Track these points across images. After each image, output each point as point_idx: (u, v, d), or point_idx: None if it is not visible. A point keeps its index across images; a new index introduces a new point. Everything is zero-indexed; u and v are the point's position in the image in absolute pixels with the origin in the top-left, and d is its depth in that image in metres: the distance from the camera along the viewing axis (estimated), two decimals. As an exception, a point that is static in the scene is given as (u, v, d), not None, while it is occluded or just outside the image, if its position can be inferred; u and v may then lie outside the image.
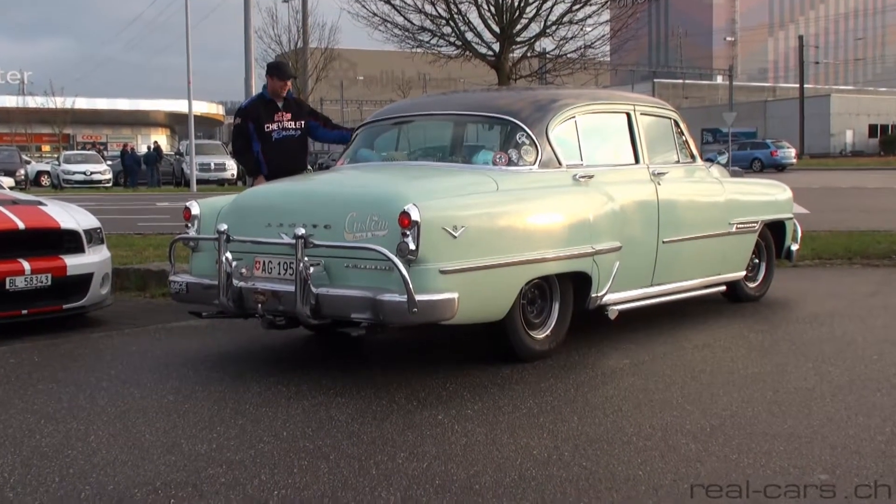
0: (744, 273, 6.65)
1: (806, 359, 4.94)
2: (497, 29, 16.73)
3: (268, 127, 6.71)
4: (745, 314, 6.35)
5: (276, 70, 6.77)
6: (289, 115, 6.72)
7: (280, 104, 6.71)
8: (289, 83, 6.73)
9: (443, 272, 4.28)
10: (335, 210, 4.56)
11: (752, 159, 40.24)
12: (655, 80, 73.15)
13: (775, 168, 39.06)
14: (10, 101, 53.30)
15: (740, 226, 6.46)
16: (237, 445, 3.54)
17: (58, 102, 48.31)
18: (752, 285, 6.89)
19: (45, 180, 34.10)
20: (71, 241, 6.15)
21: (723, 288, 6.48)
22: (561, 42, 17.40)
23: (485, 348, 5.04)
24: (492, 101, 5.67)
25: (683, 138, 6.31)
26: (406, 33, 17.44)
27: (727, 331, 5.82)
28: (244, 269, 4.69)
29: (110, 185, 32.10)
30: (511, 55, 17.25)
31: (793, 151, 40.42)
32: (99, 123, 61.12)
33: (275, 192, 5.26)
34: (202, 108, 59.31)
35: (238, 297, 4.66)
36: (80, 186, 30.72)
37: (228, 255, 4.68)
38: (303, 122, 6.71)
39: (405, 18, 17.28)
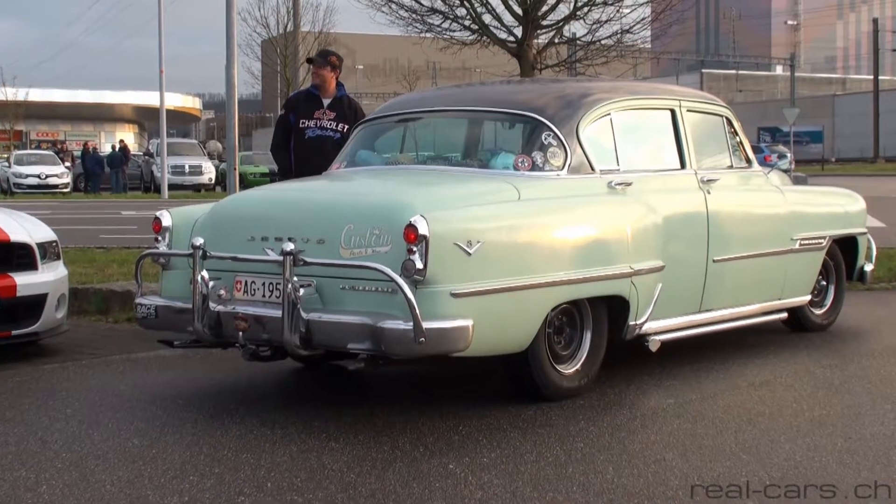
0: (809, 297, 6.63)
1: (883, 399, 4.92)
2: (519, 11, 16.72)
3: (303, 122, 6.86)
4: (810, 346, 6.34)
5: (314, 57, 6.98)
6: (332, 115, 6.84)
7: (326, 101, 6.86)
8: (326, 72, 6.84)
9: (455, 295, 4.29)
10: (329, 222, 4.58)
11: None
12: (704, 70, 73.30)
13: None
14: (-48, 93, 53.77)
15: (805, 242, 6.44)
16: (213, 498, 3.53)
17: (8, 94, 48.68)
18: (818, 312, 6.87)
19: (-8, 184, 34.37)
20: (22, 257, 6.16)
21: (784, 315, 6.46)
22: (594, 26, 17.41)
23: (504, 385, 5.03)
24: (513, 96, 5.70)
25: (737, 139, 6.32)
26: (413, 15, 17.45)
27: (789, 366, 5.80)
28: (223, 291, 4.70)
29: (68, 190, 32.30)
30: (535, 41, 17.28)
31: (788, 157, 39.69)
32: (56, 118, 61.63)
33: (259, 200, 5.29)
34: (176, 101, 59.78)
35: (216, 324, 4.68)
36: (33, 192, 30.94)
37: (205, 273, 4.70)
38: (346, 126, 6.79)
39: (412, -2, 17.32)
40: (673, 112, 5.83)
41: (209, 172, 33.72)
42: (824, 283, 6.91)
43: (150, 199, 27.50)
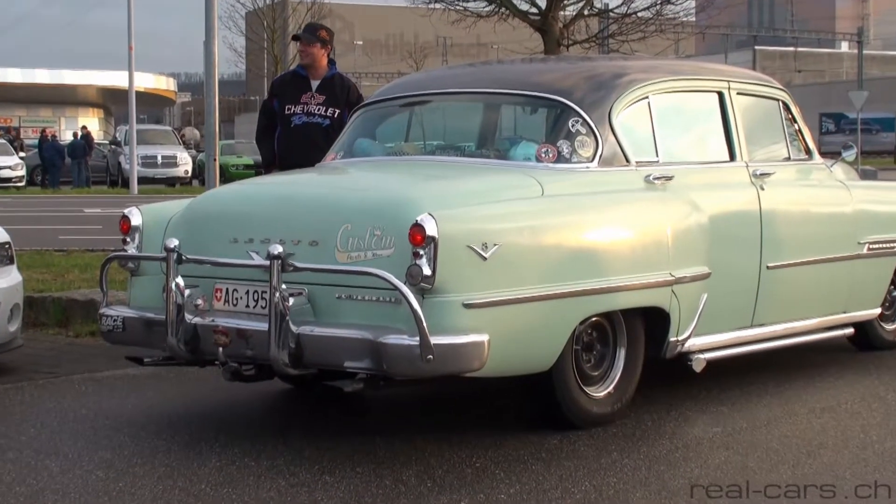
0: (878, 311, 6.60)
1: (965, 429, 4.95)
2: (543, -22, 16.74)
3: (288, 108, 6.87)
4: (880, 367, 6.33)
5: (301, 33, 6.99)
6: (321, 98, 6.84)
7: (315, 83, 6.85)
8: (315, 49, 6.82)
9: (468, 306, 4.30)
10: (324, 221, 4.61)
11: None
12: (757, 47, 73.19)
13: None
14: None
15: (874, 246, 6.42)
16: (188, 539, 3.55)
17: (-45, 74, 48.77)
18: (890, 327, 6.84)
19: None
20: (-31, 261, 6.20)
21: (850, 331, 6.44)
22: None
23: (524, 410, 5.03)
24: (536, 76, 5.71)
25: (795, 127, 6.31)
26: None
27: (855, 390, 5.80)
28: (200, 300, 4.72)
29: (23, 184, 32.43)
30: (562, 13, 17.27)
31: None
32: (10, 101, 61.83)
33: (243, 196, 5.31)
34: (147, 81, 59.90)
35: (192, 338, 4.69)
36: (-18, 186, 31.06)
37: (180, 280, 4.71)
38: (337, 112, 6.79)
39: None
40: (721, 95, 5.83)
41: (185, 164, 33.78)
42: (896, 293, 6.89)
43: (117, 194, 27.57)
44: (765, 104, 6.16)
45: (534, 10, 17.15)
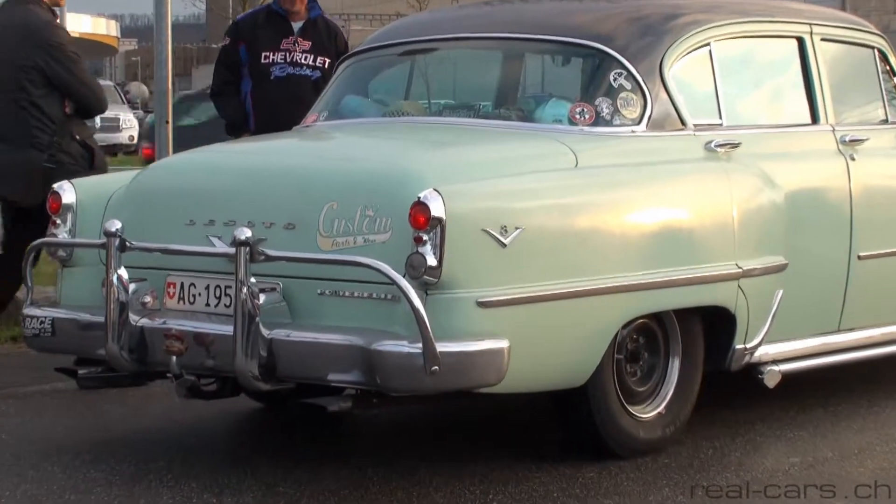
0: None
1: None
2: None
3: (266, 56, 6.84)
4: None
5: None
6: (307, 45, 6.84)
7: (297, 24, 6.84)
8: None
9: (483, 305, 4.31)
10: (303, 199, 4.63)
11: None
12: (848, -18, 72.75)
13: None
14: None
15: None
16: None
17: None
18: None
19: None
20: None
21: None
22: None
23: (553, 434, 5.04)
24: (569, 18, 5.69)
25: (894, 81, 6.30)
26: None
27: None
28: (149, 298, 4.72)
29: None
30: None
31: None
32: None
33: (202, 167, 5.30)
34: (84, 25, 59.88)
35: (138, 344, 4.68)
36: None
37: (123, 272, 4.71)
38: (328, 62, 6.80)
39: None
40: (801, 42, 5.81)
41: (129, 128, 33.78)
42: None
43: (46, 166, 27.49)
44: (856, 53, 6.15)
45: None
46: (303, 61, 6.80)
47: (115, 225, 4.75)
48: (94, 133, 6.86)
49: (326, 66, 6.76)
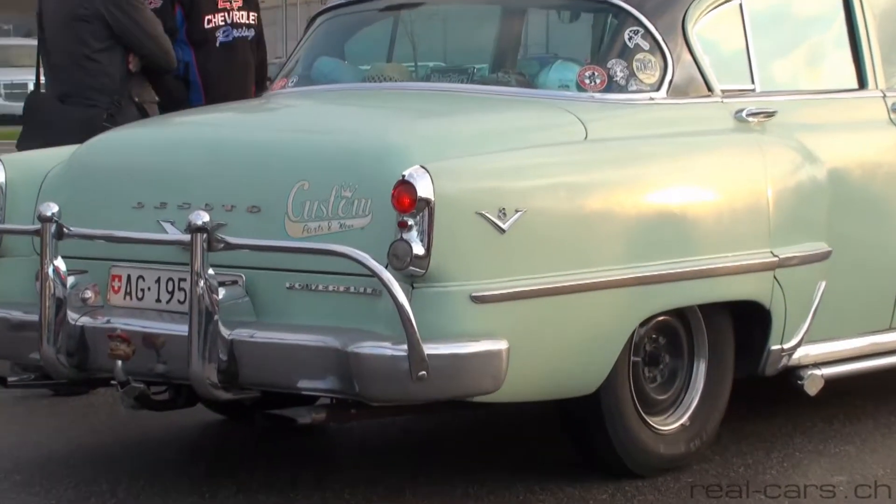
0: None
1: None
2: None
3: (210, 20, 6.88)
4: None
5: None
6: (238, 2, 6.92)
7: None
8: None
9: (478, 300, 4.30)
10: (269, 177, 4.64)
11: None
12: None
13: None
14: None
15: None
16: None
17: None
18: None
19: None
20: None
21: None
22: None
23: (561, 449, 5.03)
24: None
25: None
26: None
27: None
28: (90, 292, 4.72)
29: None
30: None
31: None
32: None
33: (152, 141, 5.30)
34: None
35: (78, 347, 4.68)
36: None
37: (60, 263, 4.68)
38: (256, 16, 6.92)
39: None
40: (846, -8, 5.84)
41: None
42: None
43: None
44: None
45: None
46: (241, 20, 6.89)
47: (51, 208, 4.72)
48: (154, 99, 6.86)
49: (257, 22, 6.90)
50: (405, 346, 4.11)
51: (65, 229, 4.69)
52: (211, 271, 4.38)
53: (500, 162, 4.57)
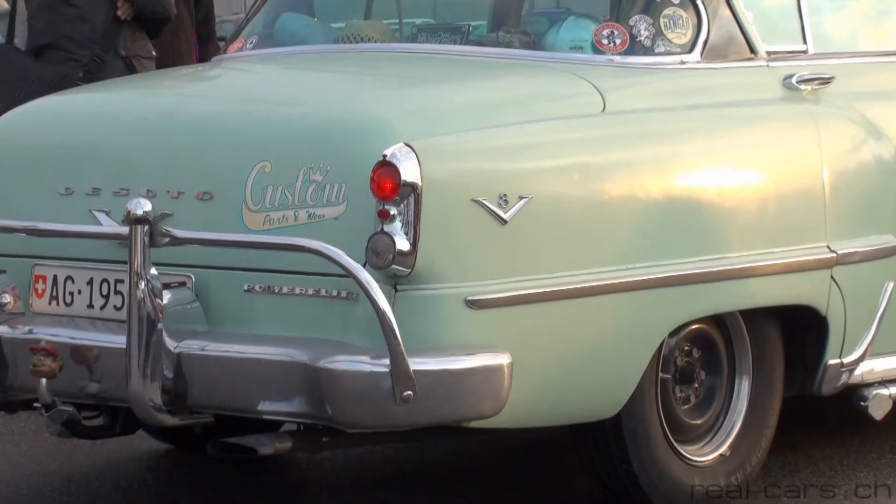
0: None
1: None
2: None
3: None
4: None
5: None
6: None
7: None
8: None
9: (475, 304, 4.31)
10: (223, 158, 4.67)
11: None
12: None
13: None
14: None
15: None
16: None
17: None
18: None
19: None
20: None
21: None
22: None
23: (576, 483, 5.06)
24: None
25: None
26: None
27: None
28: (9, 296, 4.73)
29: None
30: None
31: None
32: None
33: (82, 115, 5.29)
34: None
35: (-5, 363, 4.69)
36: None
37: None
38: None
39: None
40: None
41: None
42: None
43: None
44: None
45: None
46: None
47: (-42, 196, 4.79)
48: (149, 54, 6.89)
49: None
50: (387, 361, 4.10)
51: (-24, 221, 4.74)
52: (154, 271, 4.37)
53: (500, 139, 4.57)
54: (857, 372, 5.17)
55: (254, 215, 4.47)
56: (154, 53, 6.79)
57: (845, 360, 5.11)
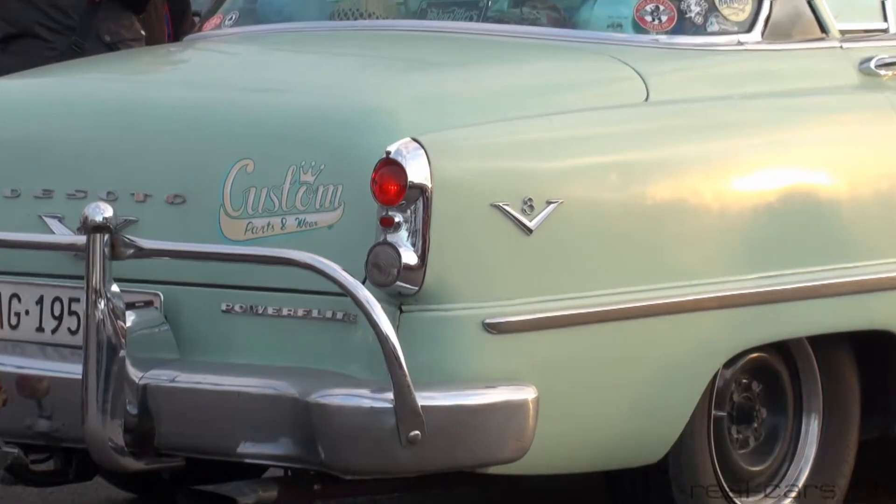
0: None
1: None
2: None
3: None
4: None
5: None
6: None
7: None
8: None
9: (494, 328, 4.31)
10: (198, 155, 4.70)
11: None
12: None
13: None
14: None
15: None
16: None
17: None
18: None
19: None
20: None
21: None
22: None
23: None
24: None
25: None
26: None
27: None
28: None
29: None
30: None
31: None
32: None
33: (32, 104, 5.29)
34: None
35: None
36: None
37: None
38: None
39: None
40: None
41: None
42: None
43: None
44: None
45: None
46: None
47: None
48: (137, 35, 7.00)
49: None
50: (390, 395, 4.10)
51: None
52: (115, 288, 4.39)
53: (524, 133, 4.57)
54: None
55: (233, 222, 4.48)
56: (143, 33, 6.93)
57: (934, 396, 5.15)
